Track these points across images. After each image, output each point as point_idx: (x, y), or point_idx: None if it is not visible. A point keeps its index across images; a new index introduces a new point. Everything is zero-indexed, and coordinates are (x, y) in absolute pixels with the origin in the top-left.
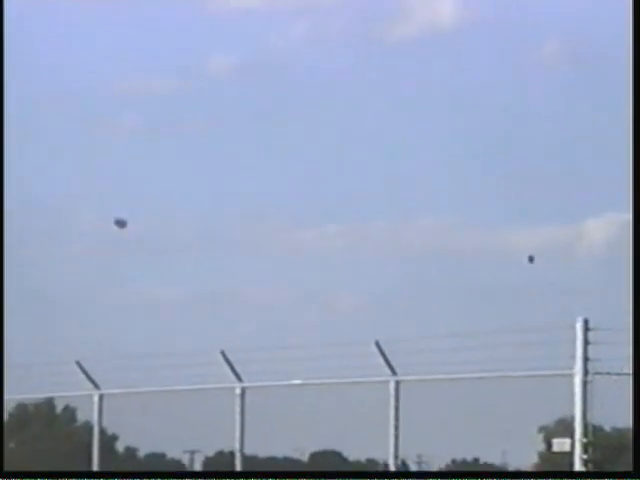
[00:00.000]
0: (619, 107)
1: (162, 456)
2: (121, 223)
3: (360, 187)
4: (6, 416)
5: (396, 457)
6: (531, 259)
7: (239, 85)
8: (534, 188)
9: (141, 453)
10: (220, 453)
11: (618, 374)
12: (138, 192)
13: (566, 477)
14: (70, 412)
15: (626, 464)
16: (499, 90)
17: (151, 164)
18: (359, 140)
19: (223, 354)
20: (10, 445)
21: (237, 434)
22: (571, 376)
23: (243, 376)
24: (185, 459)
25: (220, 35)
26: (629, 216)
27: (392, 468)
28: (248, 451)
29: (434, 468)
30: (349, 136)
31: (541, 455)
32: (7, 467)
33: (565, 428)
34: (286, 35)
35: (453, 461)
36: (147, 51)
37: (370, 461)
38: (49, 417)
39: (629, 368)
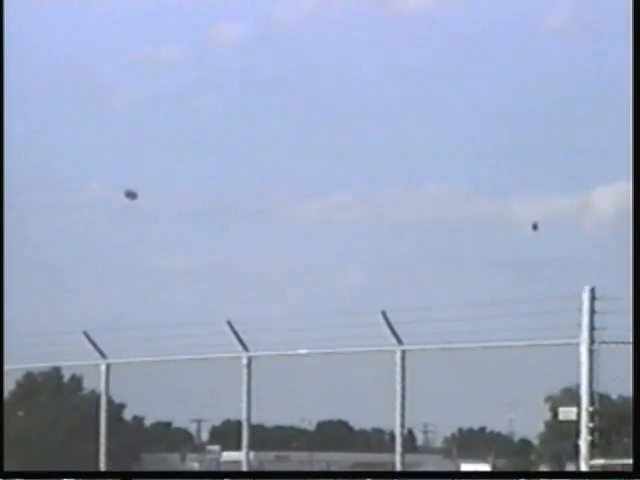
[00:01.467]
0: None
1: (168, 425)
2: (132, 195)
3: (368, 156)
4: (14, 385)
5: (402, 426)
6: (535, 227)
7: (247, 55)
8: (542, 157)
9: (148, 422)
10: (227, 422)
11: (624, 343)
12: (146, 163)
13: (566, 477)
14: (76, 381)
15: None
16: (509, 59)
17: (159, 134)
18: (367, 109)
19: (229, 324)
20: (19, 414)
21: (244, 404)
22: (577, 345)
23: (250, 346)
24: (192, 428)
25: (228, 6)
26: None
27: (398, 437)
28: (255, 420)
29: (440, 437)
30: (357, 105)
31: (547, 424)
32: (16, 434)
33: (571, 397)
34: (295, 6)
35: (459, 430)
36: (155, 21)
37: (376, 430)
38: (56, 386)
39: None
